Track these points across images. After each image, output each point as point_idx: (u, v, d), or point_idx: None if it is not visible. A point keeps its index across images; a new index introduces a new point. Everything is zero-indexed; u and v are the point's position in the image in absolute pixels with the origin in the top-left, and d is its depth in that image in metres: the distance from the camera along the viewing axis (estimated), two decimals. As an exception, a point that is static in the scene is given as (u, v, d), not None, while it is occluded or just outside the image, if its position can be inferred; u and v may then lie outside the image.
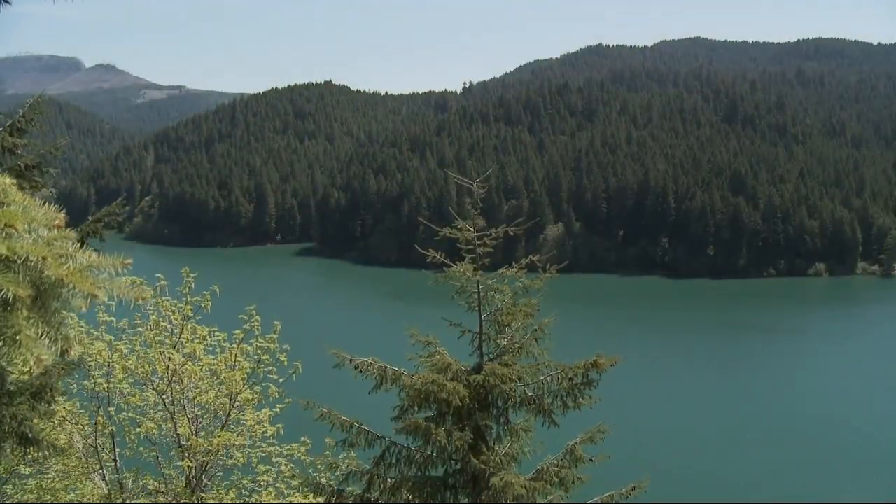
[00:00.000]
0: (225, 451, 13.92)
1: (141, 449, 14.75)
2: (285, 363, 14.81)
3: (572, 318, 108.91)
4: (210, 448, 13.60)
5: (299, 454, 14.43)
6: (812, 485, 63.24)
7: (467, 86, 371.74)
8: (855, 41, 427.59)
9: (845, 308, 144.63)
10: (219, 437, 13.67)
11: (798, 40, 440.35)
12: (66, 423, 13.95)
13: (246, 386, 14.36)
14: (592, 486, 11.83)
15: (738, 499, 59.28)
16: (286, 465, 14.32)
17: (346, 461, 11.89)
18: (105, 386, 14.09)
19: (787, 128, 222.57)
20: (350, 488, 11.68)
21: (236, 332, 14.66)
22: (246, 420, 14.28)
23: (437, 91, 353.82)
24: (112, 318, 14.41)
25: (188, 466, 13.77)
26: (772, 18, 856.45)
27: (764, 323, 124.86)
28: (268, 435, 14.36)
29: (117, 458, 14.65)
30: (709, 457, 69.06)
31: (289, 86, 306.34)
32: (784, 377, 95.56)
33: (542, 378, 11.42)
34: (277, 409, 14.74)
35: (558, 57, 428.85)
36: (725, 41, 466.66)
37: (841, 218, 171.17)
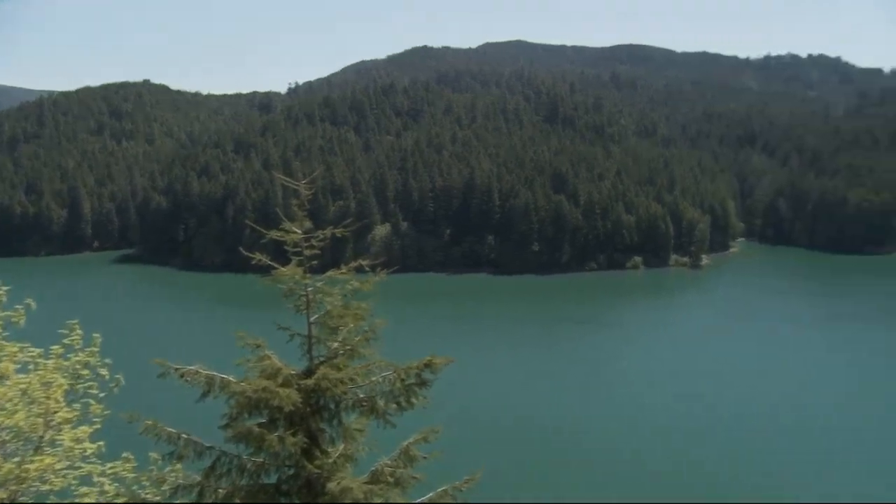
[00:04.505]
0: (39, 475, 13.02)
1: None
2: (107, 377, 14.06)
3: (402, 317, 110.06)
4: (21, 475, 12.67)
5: (123, 471, 13.73)
6: (627, 467, 66.79)
7: (292, 86, 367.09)
8: (661, 48, 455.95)
9: (659, 298, 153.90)
10: (31, 461, 12.77)
11: (612, 46, 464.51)
12: None
13: (63, 404, 13.52)
14: (428, 483, 11.96)
15: (591, 489, 61.86)
16: (109, 484, 13.59)
17: (175, 474, 11.45)
18: None
19: (604, 128, 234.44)
20: (180, 502, 11.27)
21: (54, 347, 13.78)
22: (63, 440, 13.40)
23: (261, 91, 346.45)
24: None
25: (-4, 497, 12.78)
26: (588, 24, 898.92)
27: (586, 316, 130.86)
28: (88, 454, 13.56)
29: None
30: (536, 446, 71.58)
31: (103, 84, 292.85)
32: (603, 366, 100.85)
33: (374, 379, 11.44)
34: (99, 426, 13.97)
35: (384, 57, 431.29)
36: (546, 44, 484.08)
37: (655, 213, 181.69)
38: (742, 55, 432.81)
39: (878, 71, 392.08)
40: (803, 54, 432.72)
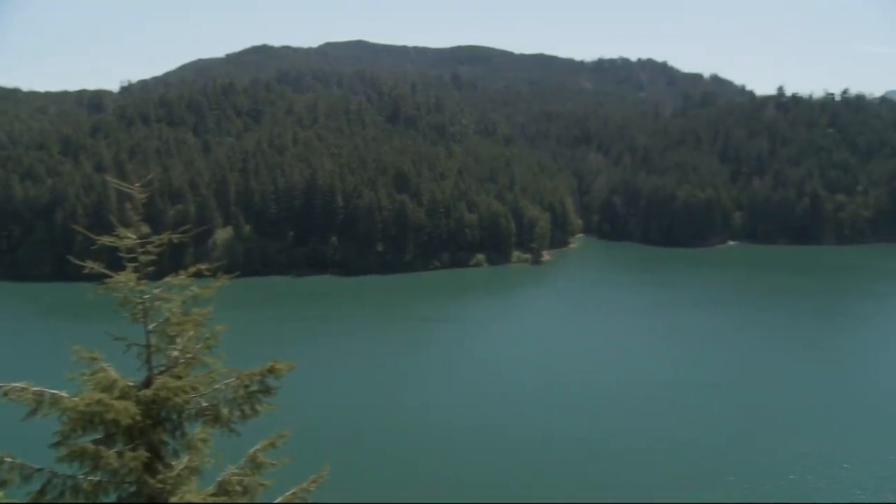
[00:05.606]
0: None
1: None
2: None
3: (247, 323, 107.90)
4: None
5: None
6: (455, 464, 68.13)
7: (125, 84, 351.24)
8: (501, 50, 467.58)
9: (501, 294, 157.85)
10: None
11: (453, 47, 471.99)
12: None
13: None
14: (278, 489, 11.79)
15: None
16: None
17: (-3, 503, 10.69)
18: None
19: (446, 128, 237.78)
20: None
21: None
22: None
23: (90, 90, 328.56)
24: None
25: None
26: (429, 25, 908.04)
27: (429, 313, 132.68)
28: None
29: None
30: (384, 443, 71.91)
31: None
32: (445, 360, 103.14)
33: (217, 387, 11.11)
34: None
35: (223, 56, 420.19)
36: (387, 45, 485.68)
37: (497, 211, 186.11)
38: (577, 58, 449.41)
39: (700, 76, 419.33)
40: (633, 58, 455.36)
